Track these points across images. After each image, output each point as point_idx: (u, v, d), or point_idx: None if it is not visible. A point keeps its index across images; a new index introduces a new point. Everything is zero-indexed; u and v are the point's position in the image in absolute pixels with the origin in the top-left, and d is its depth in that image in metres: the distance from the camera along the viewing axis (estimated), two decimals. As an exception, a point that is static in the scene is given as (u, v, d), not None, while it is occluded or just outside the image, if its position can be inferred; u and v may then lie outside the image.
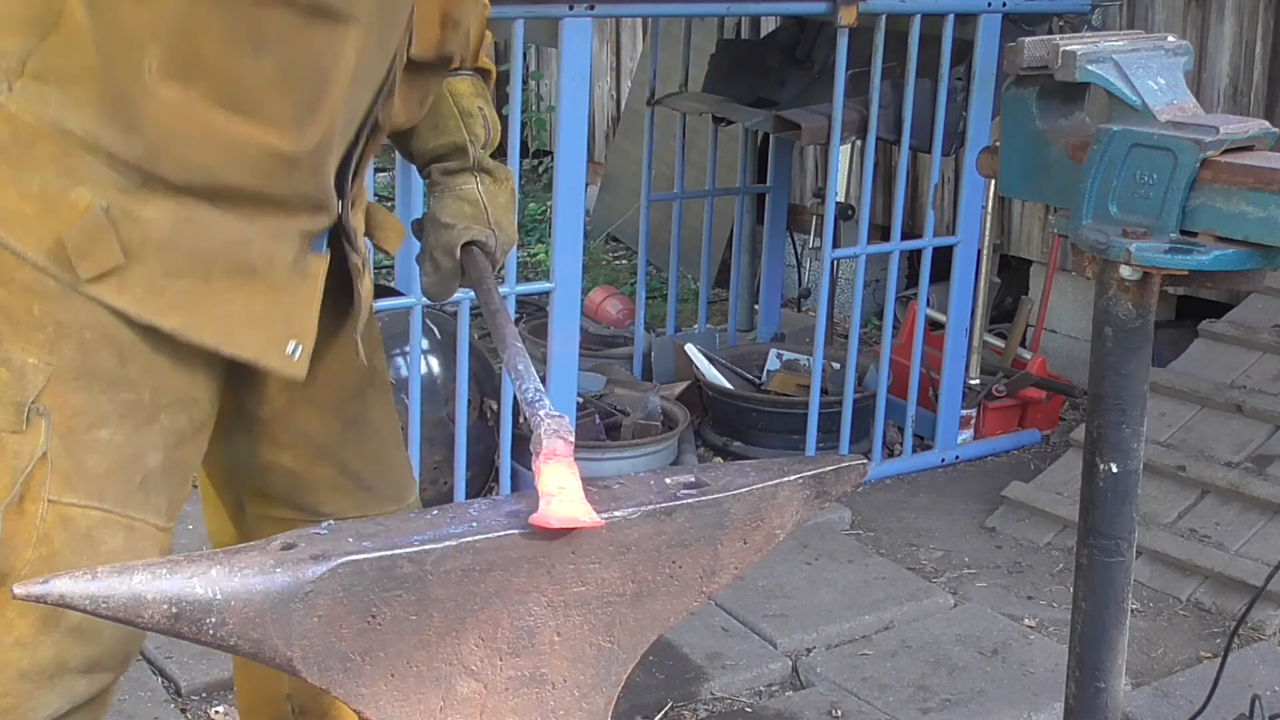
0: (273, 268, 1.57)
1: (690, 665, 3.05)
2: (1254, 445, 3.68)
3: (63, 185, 1.46)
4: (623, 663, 1.40)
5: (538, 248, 6.34)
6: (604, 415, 4.08)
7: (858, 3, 3.68)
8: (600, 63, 6.98)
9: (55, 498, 1.50)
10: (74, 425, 1.50)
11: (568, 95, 3.37)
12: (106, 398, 1.51)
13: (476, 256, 1.83)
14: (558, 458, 1.36)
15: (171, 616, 1.18)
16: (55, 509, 1.50)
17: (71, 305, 1.48)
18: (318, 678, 1.24)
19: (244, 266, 1.54)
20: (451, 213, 1.87)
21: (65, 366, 1.49)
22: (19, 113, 1.45)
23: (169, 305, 1.51)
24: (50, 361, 1.48)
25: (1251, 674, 3.04)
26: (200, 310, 1.53)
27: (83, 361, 1.50)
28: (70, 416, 1.50)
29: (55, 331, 1.48)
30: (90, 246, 1.46)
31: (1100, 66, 1.79)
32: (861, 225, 4.06)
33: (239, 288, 1.54)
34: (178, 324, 1.52)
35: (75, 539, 1.51)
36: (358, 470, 1.84)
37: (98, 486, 1.52)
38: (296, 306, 1.60)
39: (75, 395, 1.50)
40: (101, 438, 1.52)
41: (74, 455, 1.50)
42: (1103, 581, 1.87)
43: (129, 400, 1.53)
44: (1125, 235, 1.73)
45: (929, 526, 3.85)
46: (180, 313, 1.52)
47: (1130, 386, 1.81)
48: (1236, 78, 4.46)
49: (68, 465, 1.50)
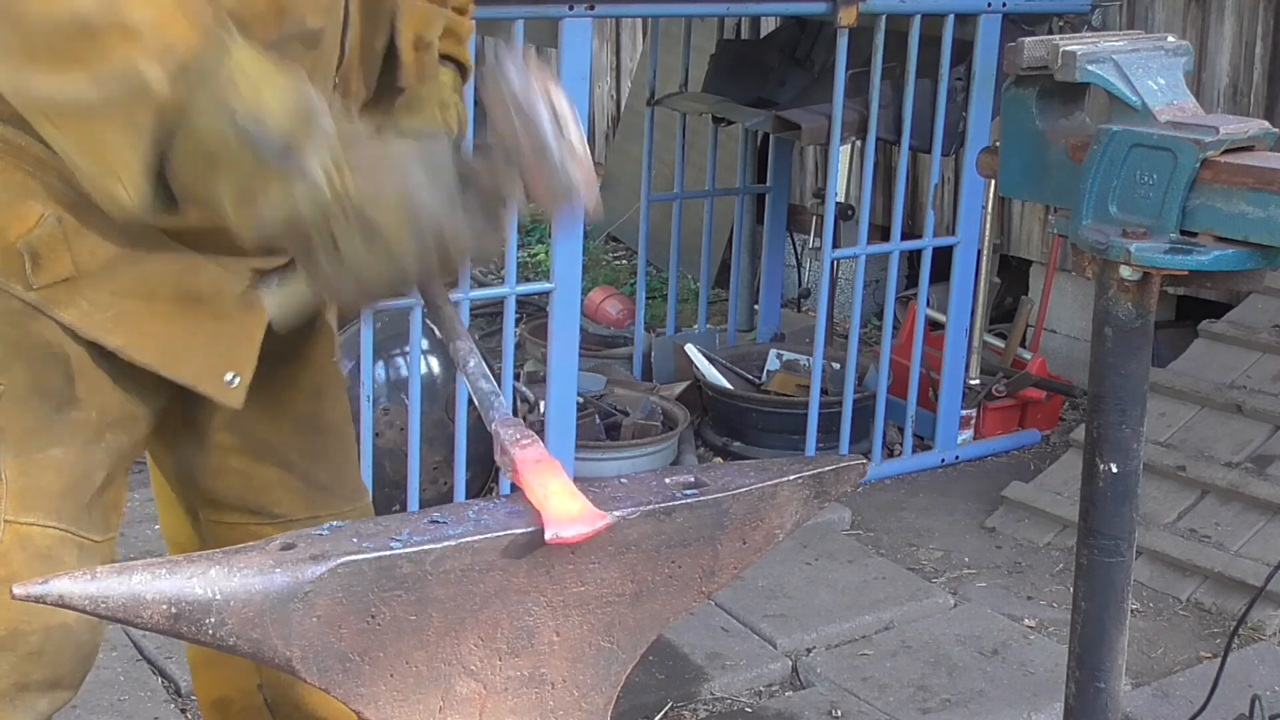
0: (220, 297, 1.56)
1: (690, 665, 3.05)
2: (1254, 445, 3.68)
3: (9, 199, 1.44)
4: (622, 663, 1.40)
5: (538, 248, 6.34)
6: (604, 415, 4.08)
7: (858, 3, 3.68)
8: (600, 63, 6.98)
9: (12, 518, 1.49)
10: (28, 445, 1.49)
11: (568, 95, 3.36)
12: (57, 417, 1.51)
13: None
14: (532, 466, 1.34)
15: (171, 617, 1.18)
16: (12, 529, 1.49)
17: (21, 324, 1.47)
18: (317, 678, 1.24)
19: (191, 293, 1.54)
20: None
21: (16, 386, 1.48)
22: None
23: (113, 323, 1.50)
24: (1, 381, 1.47)
25: (1251, 674, 3.04)
26: (142, 331, 1.52)
27: (33, 381, 1.49)
28: (23, 436, 1.49)
29: (4, 351, 1.47)
30: (44, 253, 1.45)
31: (1100, 66, 1.79)
32: (861, 225, 4.06)
33: (184, 313, 1.54)
34: (120, 343, 1.51)
35: (34, 558, 1.50)
36: (308, 470, 1.83)
37: (54, 505, 1.52)
38: (239, 338, 1.59)
39: (28, 415, 1.49)
40: (55, 456, 1.51)
41: (29, 474, 1.50)
42: (1103, 581, 1.87)
43: (78, 419, 1.53)
44: (1125, 235, 1.73)
45: (929, 526, 3.85)
46: (123, 332, 1.51)
47: (1130, 386, 1.81)
48: (1236, 78, 4.46)
49: (23, 484, 1.49)
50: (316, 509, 1.83)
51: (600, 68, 7.00)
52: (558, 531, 1.28)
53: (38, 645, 1.51)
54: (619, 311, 5.36)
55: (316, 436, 1.84)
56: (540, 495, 1.30)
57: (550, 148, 1.38)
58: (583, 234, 3.62)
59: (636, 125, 6.06)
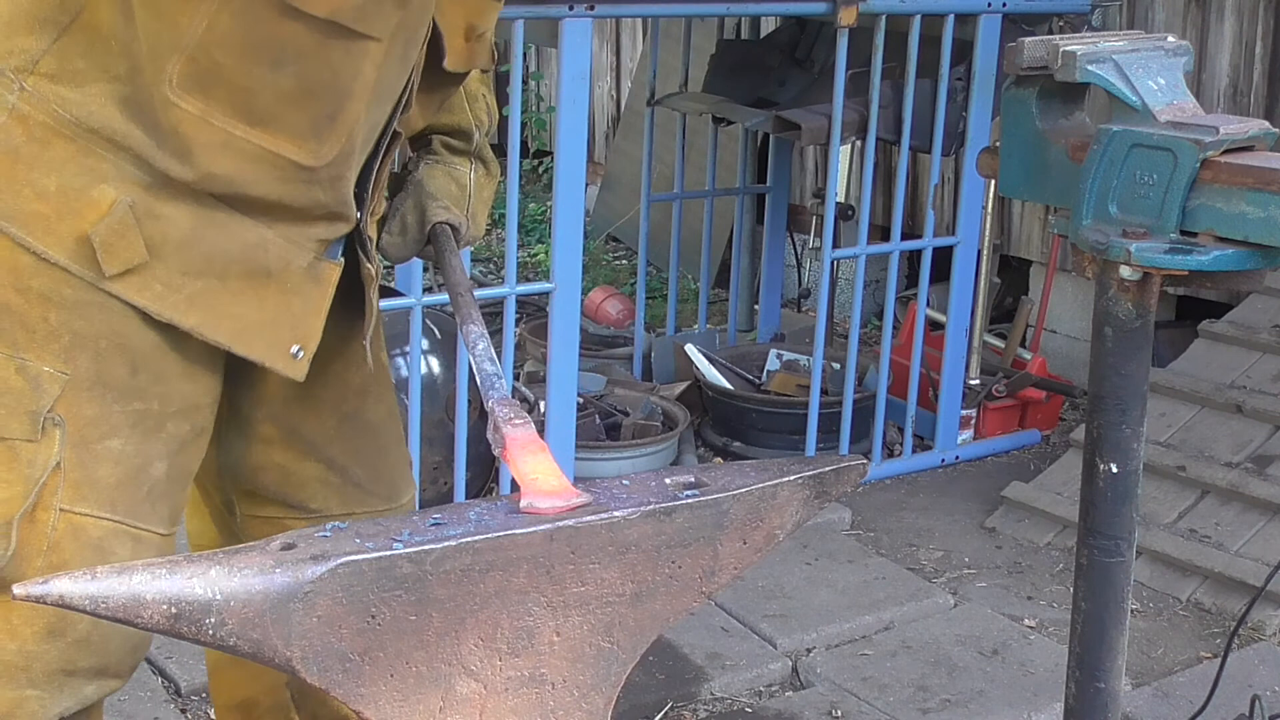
0: (287, 271, 1.58)
1: (690, 665, 3.05)
2: (1254, 445, 3.68)
3: (82, 184, 1.46)
4: (622, 663, 1.40)
5: (538, 248, 6.34)
6: (604, 415, 4.08)
7: (858, 3, 3.68)
8: (600, 63, 6.98)
9: (67, 507, 1.50)
10: (87, 435, 1.51)
11: (568, 95, 3.37)
12: (119, 407, 1.52)
13: (445, 235, 1.84)
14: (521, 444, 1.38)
15: (171, 617, 1.18)
16: (66, 518, 1.50)
17: (87, 314, 1.49)
18: (317, 678, 1.24)
19: (260, 269, 1.56)
20: (438, 186, 1.87)
21: (80, 376, 1.50)
22: (32, 113, 1.45)
23: (187, 303, 1.52)
24: (65, 371, 1.49)
25: (1251, 674, 3.04)
26: (216, 310, 1.54)
27: (97, 371, 1.50)
28: (83, 426, 1.50)
29: (71, 341, 1.49)
30: (116, 242, 1.47)
31: (1100, 66, 1.79)
32: (861, 225, 4.06)
33: (253, 289, 1.56)
34: (195, 322, 1.53)
35: (85, 548, 1.51)
36: (346, 466, 1.85)
37: (109, 497, 1.53)
38: (306, 311, 1.61)
39: (89, 405, 1.50)
40: (113, 448, 1.52)
41: (86, 465, 1.51)
42: (1103, 581, 1.87)
43: (139, 410, 1.54)
44: (1125, 235, 1.73)
45: (929, 526, 3.85)
46: (197, 311, 1.53)
47: (1130, 386, 1.81)
48: (1236, 78, 4.46)
49: (80, 475, 1.51)
50: (352, 505, 1.84)
51: (600, 68, 7.00)
52: (533, 502, 1.31)
53: (85, 633, 1.53)
54: (619, 311, 5.36)
55: (357, 434, 1.85)
56: (523, 469, 1.35)
57: None
58: (583, 234, 3.62)
59: (636, 125, 6.07)
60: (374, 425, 1.88)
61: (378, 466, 1.89)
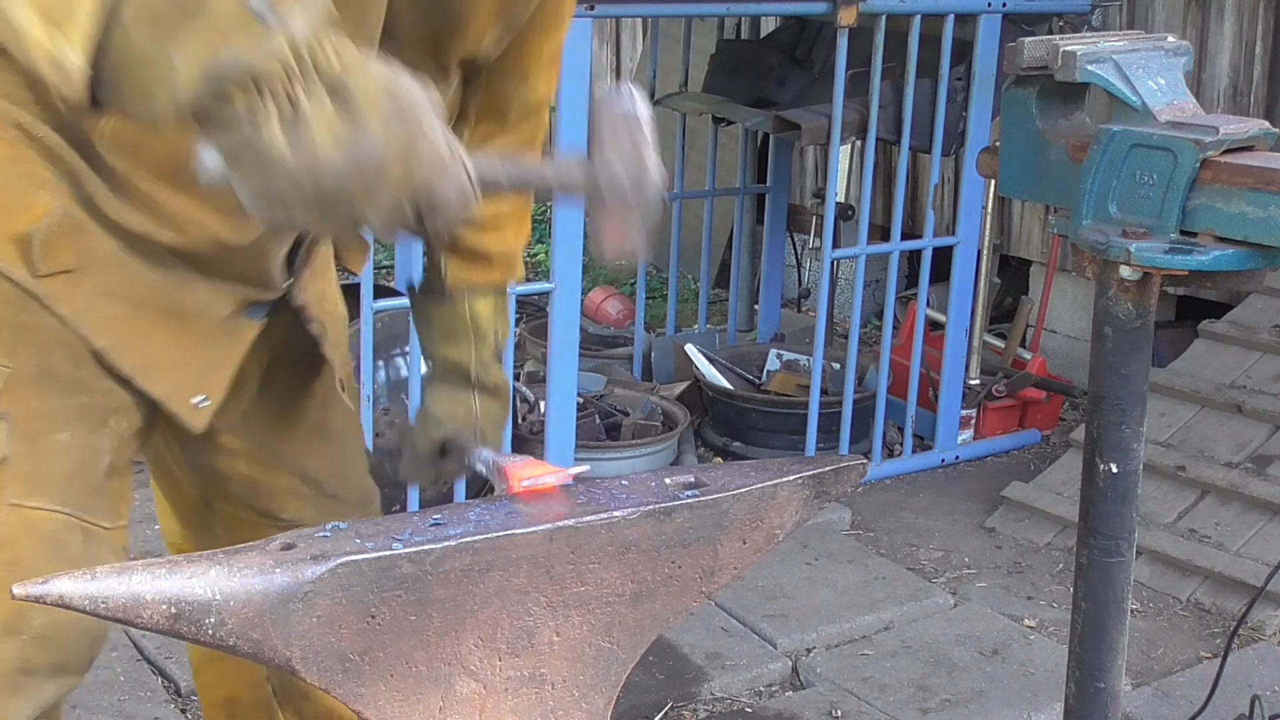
0: (204, 318, 1.56)
1: (690, 665, 3.05)
2: (1254, 445, 3.68)
3: (20, 188, 1.45)
4: (622, 663, 1.40)
5: (538, 248, 6.34)
6: (604, 415, 4.08)
7: (858, 3, 3.68)
8: (600, 63, 6.98)
9: (18, 501, 1.48)
10: (34, 429, 1.49)
11: (568, 95, 3.37)
12: (65, 401, 1.51)
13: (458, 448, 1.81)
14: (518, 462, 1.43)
15: (171, 617, 1.17)
16: (18, 512, 1.48)
17: (29, 308, 1.47)
18: (317, 678, 1.24)
19: (178, 309, 1.54)
20: (444, 409, 1.84)
21: (24, 369, 1.48)
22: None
23: (101, 324, 1.50)
24: (9, 365, 1.47)
25: (1251, 674, 3.04)
26: (128, 338, 1.52)
27: (41, 364, 1.49)
28: (30, 420, 1.49)
29: (13, 335, 1.47)
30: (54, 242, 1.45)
31: (1100, 66, 1.79)
32: (861, 225, 4.06)
33: (169, 328, 1.54)
34: (106, 344, 1.51)
35: (39, 543, 1.50)
36: (319, 478, 1.83)
37: (60, 490, 1.51)
38: (216, 362, 1.60)
39: (35, 398, 1.49)
40: (61, 440, 1.51)
41: (35, 459, 1.49)
42: (1103, 581, 1.87)
43: (84, 403, 1.52)
44: (1125, 235, 1.73)
45: (929, 526, 3.85)
46: (109, 334, 1.51)
47: (1130, 386, 1.81)
48: (1236, 78, 4.46)
49: (29, 468, 1.49)
50: (325, 516, 1.82)
51: (600, 68, 7.00)
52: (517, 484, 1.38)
53: (42, 630, 1.50)
54: (619, 311, 5.36)
55: (325, 444, 1.84)
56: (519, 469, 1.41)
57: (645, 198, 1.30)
58: (583, 234, 3.62)
59: (636, 125, 6.05)
60: (337, 433, 1.86)
61: (345, 475, 1.88)
